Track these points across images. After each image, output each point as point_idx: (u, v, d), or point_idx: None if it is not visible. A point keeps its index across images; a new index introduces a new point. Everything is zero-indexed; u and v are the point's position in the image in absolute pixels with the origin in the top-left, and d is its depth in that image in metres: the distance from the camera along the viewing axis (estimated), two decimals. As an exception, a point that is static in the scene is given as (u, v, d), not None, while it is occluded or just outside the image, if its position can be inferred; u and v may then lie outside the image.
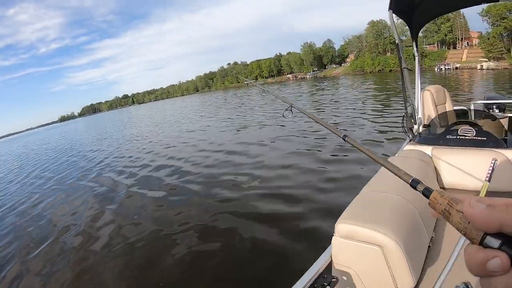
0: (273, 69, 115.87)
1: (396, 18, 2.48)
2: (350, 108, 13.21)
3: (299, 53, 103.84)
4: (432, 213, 0.36)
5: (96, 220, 5.33)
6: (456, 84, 21.85)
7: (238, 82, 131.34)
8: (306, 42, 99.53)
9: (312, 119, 1.12)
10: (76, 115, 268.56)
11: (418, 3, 2.49)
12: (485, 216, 0.29)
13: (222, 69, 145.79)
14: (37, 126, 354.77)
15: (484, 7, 43.55)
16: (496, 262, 0.27)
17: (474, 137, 2.02)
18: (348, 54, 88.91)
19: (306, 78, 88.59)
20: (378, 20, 68.56)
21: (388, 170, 0.55)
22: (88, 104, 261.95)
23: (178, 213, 4.89)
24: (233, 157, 7.69)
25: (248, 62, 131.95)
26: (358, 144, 0.73)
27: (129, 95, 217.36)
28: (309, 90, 32.26)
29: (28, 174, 12.70)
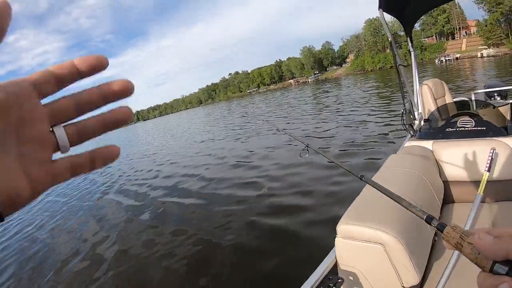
0: (275, 76, 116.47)
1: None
2: (354, 108, 13.12)
3: (299, 58, 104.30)
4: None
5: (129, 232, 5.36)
6: (457, 75, 21.58)
7: (240, 91, 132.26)
8: (305, 46, 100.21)
9: (328, 159, 1.25)
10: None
11: None
12: (493, 247, 0.32)
13: (224, 80, 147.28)
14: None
15: (478, -5, 43.30)
16: (505, 287, 0.31)
17: (473, 128, 2.00)
18: (348, 54, 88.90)
19: (308, 82, 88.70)
20: (374, 18, 68.59)
21: (404, 207, 0.62)
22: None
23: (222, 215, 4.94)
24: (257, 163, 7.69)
25: (249, 70, 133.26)
26: (374, 183, 0.81)
27: (133, 112, 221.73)
28: (312, 93, 32.16)
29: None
